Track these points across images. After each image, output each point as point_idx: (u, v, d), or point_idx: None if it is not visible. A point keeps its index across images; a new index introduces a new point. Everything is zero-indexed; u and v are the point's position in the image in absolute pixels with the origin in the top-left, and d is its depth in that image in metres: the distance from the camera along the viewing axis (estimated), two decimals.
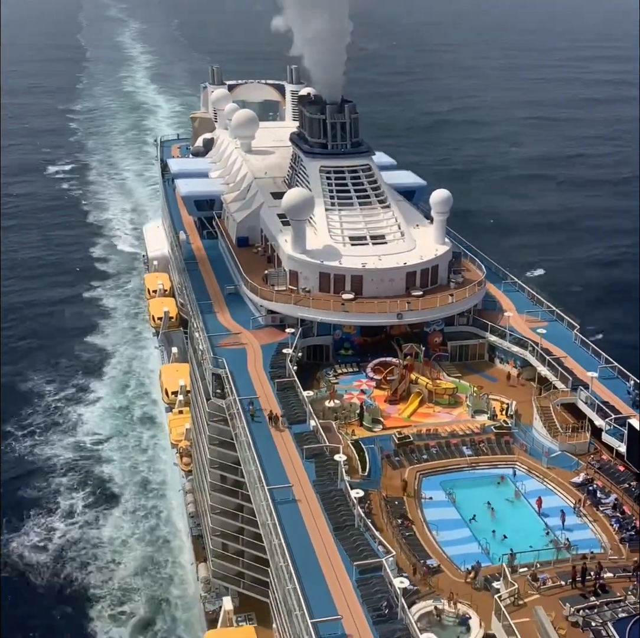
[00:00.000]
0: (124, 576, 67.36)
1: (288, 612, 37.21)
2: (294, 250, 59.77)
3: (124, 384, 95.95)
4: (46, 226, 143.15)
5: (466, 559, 39.07)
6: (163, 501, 76.31)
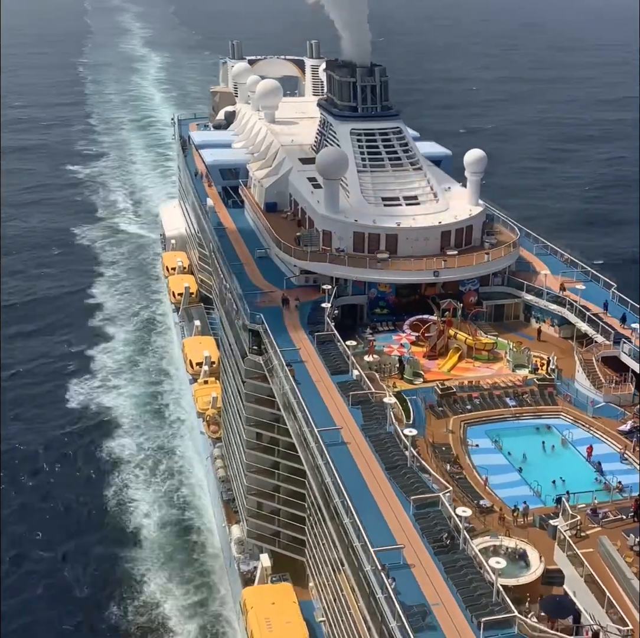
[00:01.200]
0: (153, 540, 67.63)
1: (346, 545, 36.64)
2: (327, 210, 59.38)
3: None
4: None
5: (518, 501, 38.77)
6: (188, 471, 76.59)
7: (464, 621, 30.22)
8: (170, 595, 61.41)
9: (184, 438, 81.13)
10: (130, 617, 59.18)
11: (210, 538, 67.41)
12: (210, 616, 60.42)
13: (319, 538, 49.63)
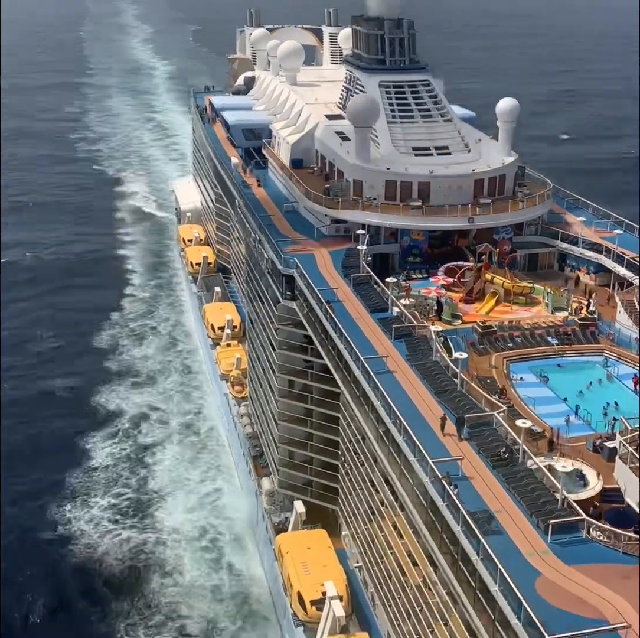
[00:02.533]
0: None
1: (398, 466, 35.87)
2: (357, 159, 58.70)
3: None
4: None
5: (569, 428, 38.18)
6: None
7: (530, 526, 29.57)
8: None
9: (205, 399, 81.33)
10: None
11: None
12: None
13: (354, 482, 49.06)
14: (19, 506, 65.69)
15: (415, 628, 40.47)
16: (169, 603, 56.72)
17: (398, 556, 42.34)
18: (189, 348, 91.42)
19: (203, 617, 55.92)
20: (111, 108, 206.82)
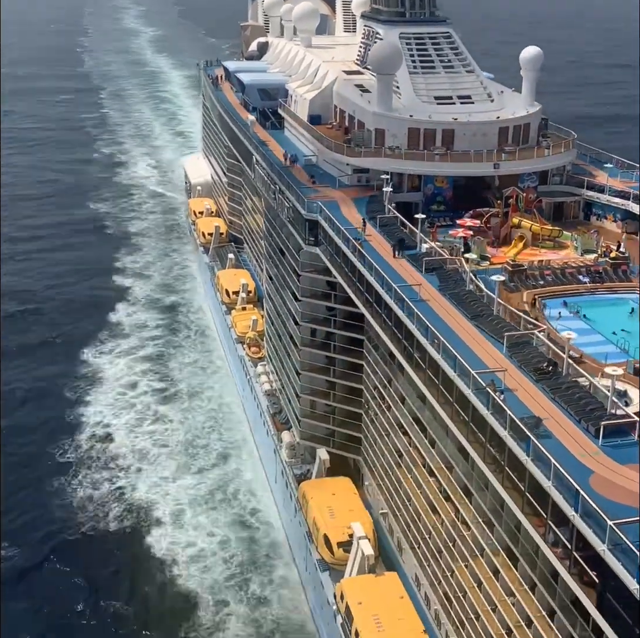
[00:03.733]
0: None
1: (436, 388, 34.92)
2: (379, 108, 57.88)
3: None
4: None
5: (607, 355, 37.37)
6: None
7: (579, 431, 28.80)
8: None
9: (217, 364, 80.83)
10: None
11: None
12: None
13: (380, 428, 48.33)
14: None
15: (447, 565, 39.80)
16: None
17: (429, 494, 41.61)
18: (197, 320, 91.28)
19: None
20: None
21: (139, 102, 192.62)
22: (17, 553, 56.25)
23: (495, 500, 34.06)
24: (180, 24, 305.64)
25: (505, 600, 34.29)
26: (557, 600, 29.86)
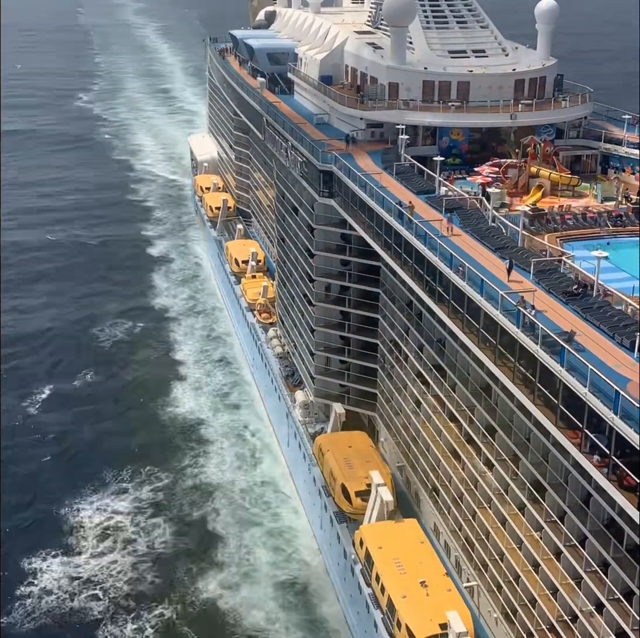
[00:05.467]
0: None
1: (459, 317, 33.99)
2: (393, 61, 57.05)
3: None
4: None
5: (634, 289, 36.52)
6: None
7: (613, 345, 28.04)
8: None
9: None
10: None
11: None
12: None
13: (396, 380, 47.61)
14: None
15: (469, 509, 39.10)
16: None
17: (449, 439, 40.88)
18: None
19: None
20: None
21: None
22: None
23: (522, 433, 33.39)
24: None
25: (532, 535, 33.63)
26: (589, 524, 29.20)
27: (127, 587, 49.60)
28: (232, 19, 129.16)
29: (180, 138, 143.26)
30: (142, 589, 49.79)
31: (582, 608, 29.88)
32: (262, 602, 48.36)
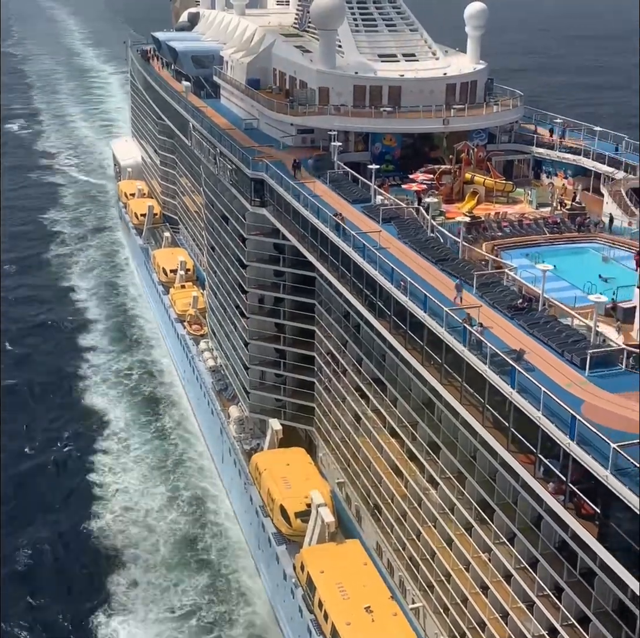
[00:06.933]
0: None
1: (403, 337, 32.69)
2: (323, 65, 55.61)
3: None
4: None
5: (575, 299, 35.89)
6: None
7: (563, 363, 27.02)
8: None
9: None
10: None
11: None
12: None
13: (334, 394, 46.20)
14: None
15: (413, 528, 37.90)
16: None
17: (391, 456, 39.62)
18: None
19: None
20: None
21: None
22: None
23: (468, 451, 32.29)
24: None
25: (480, 556, 32.54)
26: (541, 547, 28.21)
27: None
28: (155, 20, 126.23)
29: (101, 142, 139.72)
30: None
31: (534, 633, 28.89)
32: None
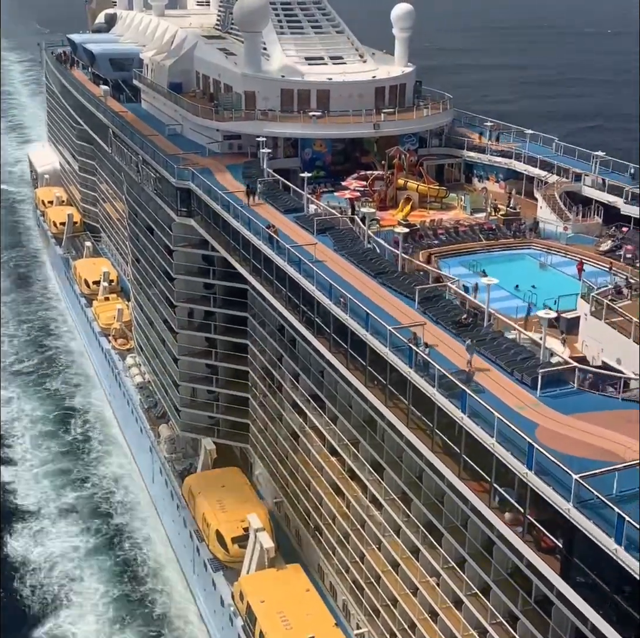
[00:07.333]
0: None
1: (344, 356, 31.16)
2: (248, 69, 53.74)
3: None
4: None
5: (516, 310, 35.02)
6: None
7: (513, 383, 25.84)
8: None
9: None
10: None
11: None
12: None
13: (270, 411, 44.41)
14: None
15: (356, 550, 36.44)
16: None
17: (331, 476, 38.04)
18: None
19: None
20: None
21: None
22: None
23: (413, 471, 30.93)
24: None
25: (427, 580, 31.24)
26: (493, 573, 27.00)
27: None
28: (71, 21, 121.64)
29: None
30: None
31: None
32: None
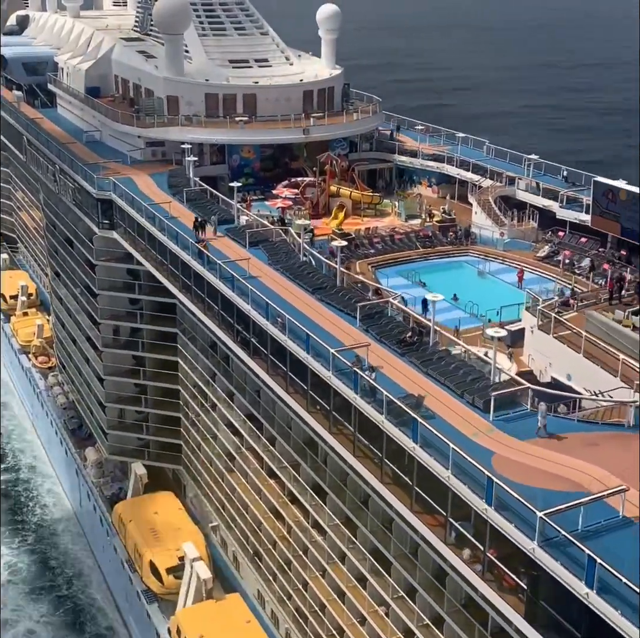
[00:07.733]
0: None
1: (284, 379, 29.41)
2: (170, 72, 51.47)
3: None
4: None
5: (458, 322, 33.84)
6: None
7: (464, 407, 24.46)
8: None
9: None
10: None
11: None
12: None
13: (203, 431, 42.35)
14: None
15: (298, 577, 34.69)
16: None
17: (270, 499, 36.21)
18: None
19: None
20: None
21: None
22: None
23: (358, 496, 29.34)
24: None
25: (375, 610, 29.70)
26: (446, 604, 25.60)
27: None
28: None
29: None
30: None
31: None
32: None
